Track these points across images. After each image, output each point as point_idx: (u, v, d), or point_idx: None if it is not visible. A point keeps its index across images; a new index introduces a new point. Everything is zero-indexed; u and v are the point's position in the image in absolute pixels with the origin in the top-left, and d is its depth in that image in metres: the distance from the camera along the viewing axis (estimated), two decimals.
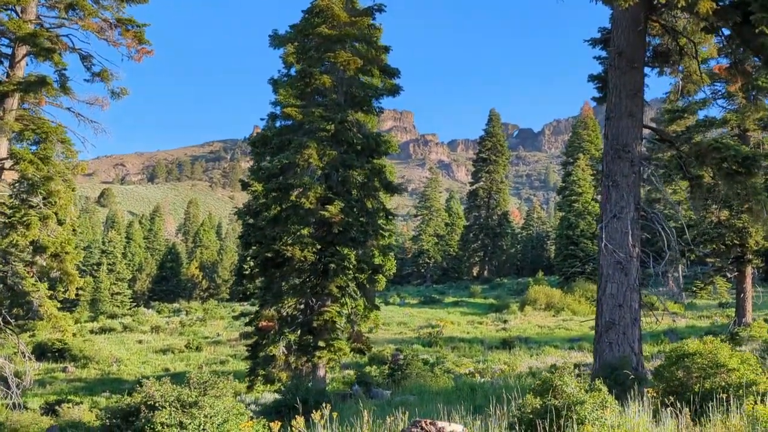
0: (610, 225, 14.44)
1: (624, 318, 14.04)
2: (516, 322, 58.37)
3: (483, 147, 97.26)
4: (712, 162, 14.10)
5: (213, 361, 45.79)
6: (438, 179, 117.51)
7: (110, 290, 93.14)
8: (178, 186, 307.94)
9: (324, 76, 25.14)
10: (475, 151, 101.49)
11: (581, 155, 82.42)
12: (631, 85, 14.82)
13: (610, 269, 14.31)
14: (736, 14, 13.99)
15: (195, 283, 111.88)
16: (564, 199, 79.50)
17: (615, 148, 14.70)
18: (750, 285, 41.21)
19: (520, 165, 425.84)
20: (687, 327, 50.51)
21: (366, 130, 26.40)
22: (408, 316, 62.89)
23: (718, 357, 10.16)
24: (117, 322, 64.75)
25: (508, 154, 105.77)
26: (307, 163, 23.87)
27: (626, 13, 14.70)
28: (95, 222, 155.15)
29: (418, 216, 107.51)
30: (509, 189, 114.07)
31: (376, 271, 25.49)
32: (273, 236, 24.37)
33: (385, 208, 26.73)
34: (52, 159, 30.60)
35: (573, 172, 78.98)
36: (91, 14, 27.98)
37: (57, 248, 31.25)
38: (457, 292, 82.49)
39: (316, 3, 25.63)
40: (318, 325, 23.52)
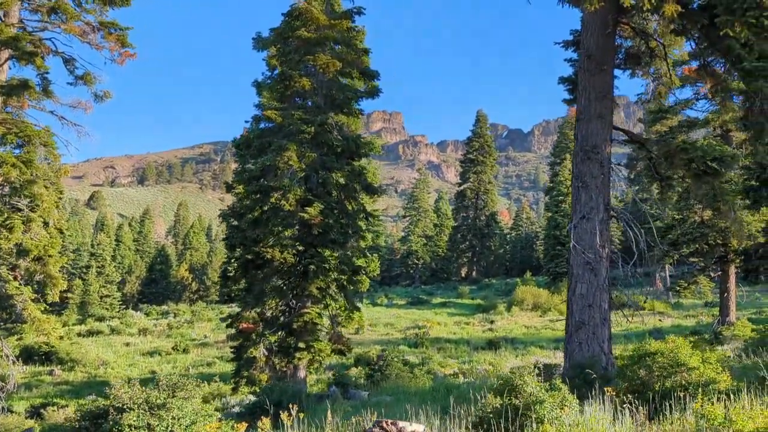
0: (579, 226, 14.55)
1: (594, 318, 14.16)
2: (503, 322, 58.54)
3: (470, 148, 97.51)
4: (680, 163, 14.23)
5: (200, 363, 45.78)
6: (427, 180, 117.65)
7: (99, 293, 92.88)
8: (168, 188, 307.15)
9: (304, 78, 25.21)
10: (465, 152, 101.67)
11: (568, 156, 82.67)
12: (601, 87, 14.95)
13: (579, 269, 14.43)
14: (703, 17, 14.16)
15: (185, 285, 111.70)
16: (551, 199, 79.82)
17: (585, 149, 14.82)
18: (733, 284, 41.44)
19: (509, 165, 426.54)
20: (673, 326, 50.80)
21: (346, 132, 26.48)
22: (395, 317, 63.01)
23: (678, 356, 10.28)
24: (105, 325, 64.67)
25: (496, 154, 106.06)
26: (287, 165, 23.92)
27: (595, 15, 14.82)
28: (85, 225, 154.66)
29: (406, 217, 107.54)
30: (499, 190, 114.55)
31: (357, 272, 25.55)
32: (254, 238, 24.43)
33: (365, 210, 26.80)
34: (35, 162, 30.59)
35: (560, 173, 79.29)
36: (73, 18, 27.97)
37: (40, 251, 31.20)
38: (445, 293, 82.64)
39: (295, 6, 25.70)
40: (298, 326, 23.58)
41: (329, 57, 25.32)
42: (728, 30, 12.96)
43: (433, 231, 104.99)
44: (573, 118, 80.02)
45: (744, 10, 12.75)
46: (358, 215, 26.59)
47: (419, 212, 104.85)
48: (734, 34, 13.07)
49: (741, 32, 13.01)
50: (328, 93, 26.45)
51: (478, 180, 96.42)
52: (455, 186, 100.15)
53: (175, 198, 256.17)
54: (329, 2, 27.28)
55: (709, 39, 14.42)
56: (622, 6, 13.29)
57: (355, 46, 26.78)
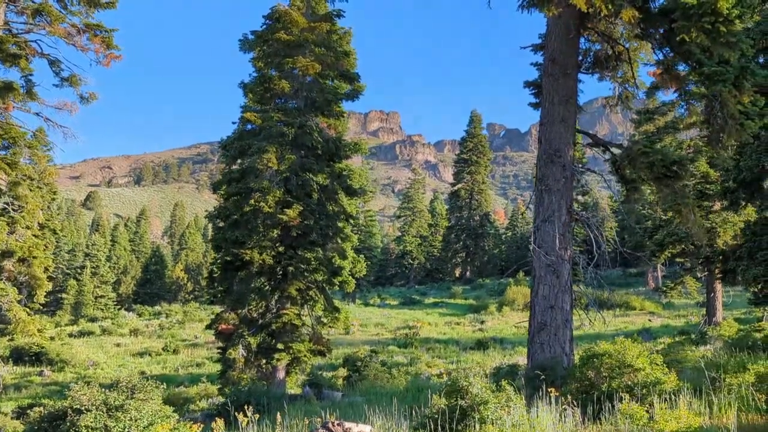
0: (541, 228, 14.74)
1: (555, 319, 14.35)
2: (493, 322, 58.77)
3: (464, 148, 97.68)
4: (642, 166, 14.42)
5: (189, 364, 46.02)
6: (422, 180, 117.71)
7: (94, 293, 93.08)
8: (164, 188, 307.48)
9: (283, 81, 25.41)
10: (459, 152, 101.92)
11: None
12: (564, 91, 15.13)
13: (542, 271, 14.62)
14: (664, 22, 14.34)
15: (180, 285, 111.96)
16: None
17: (548, 153, 15.00)
18: (720, 285, 41.67)
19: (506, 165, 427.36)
20: (662, 326, 51.05)
21: (327, 134, 26.66)
22: (386, 317, 63.22)
23: (625, 357, 10.48)
24: (96, 326, 64.84)
25: (491, 154, 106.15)
26: (267, 167, 24.12)
27: (558, 20, 15.02)
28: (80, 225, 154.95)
29: (401, 217, 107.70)
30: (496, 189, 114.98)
31: (336, 273, 25.74)
32: (233, 240, 24.62)
33: (345, 211, 26.99)
34: (20, 164, 30.81)
35: None
36: (58, 20, 28.12)
37: (25, 252, 31.46)
38: (439, 293, 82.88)
39: (275, 9, 25.88)
40: (277, 327, 23.78)
41: (309, 60, 25.51)
42: (685, 36, 13.17)
43: (427, 231, 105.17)
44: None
45: (700, 16, 12.95)
46: (339, 217, 26.78)
47: (414, 212, 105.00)
48: (691, 39, 13.28)
49: (697, 38, 13.21)
50: (308, 95, 26.64)
51: (472, 180, 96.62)
52: (452, 186, 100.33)
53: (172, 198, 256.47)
54: (310, 5, 27.45)
55: (671, 44, 14.60)
56: (588, 11, 13.46)
57: (336, 48, 26.94)
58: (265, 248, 24.14)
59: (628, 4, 13.77)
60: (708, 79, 14.00)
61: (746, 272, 27.43)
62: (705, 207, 39.97)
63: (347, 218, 27.34)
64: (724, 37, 13.17)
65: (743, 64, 14.16)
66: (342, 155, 27.17)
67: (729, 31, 13.15)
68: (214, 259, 28.72)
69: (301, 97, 26.64)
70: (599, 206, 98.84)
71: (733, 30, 13.26)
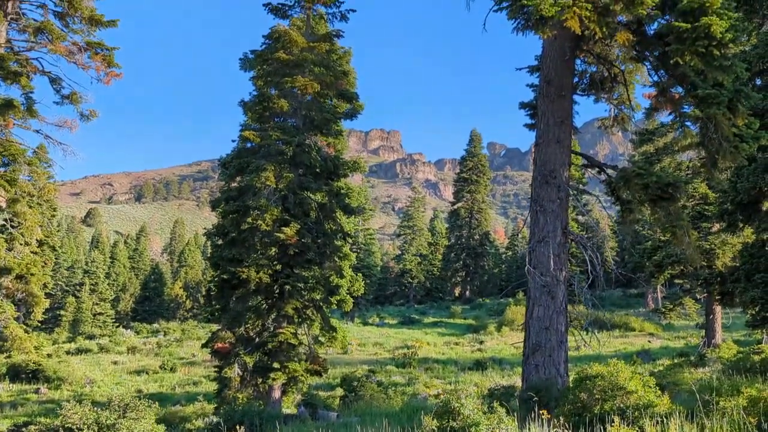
0: (536, 249, 14.80)
1: (550, 340, 14.36)
2: (492, 342, 58.61)
3: (464, 167, 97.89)
4: (636, 187, 14.49)
5: (186, 382, 45.86)
6: (422, 198, 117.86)
7: (92, 310, 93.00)
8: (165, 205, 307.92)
9: (281, 100, 25.55)
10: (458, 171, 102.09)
11: None
12: (560, 112, 15.24)
13: (536, 292, 14.66)
14: (659, 45, 14.47)
15: (179, 303, 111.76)
16: None
17: (543, 173, 15.09)
18: (719, 306, 41.61)
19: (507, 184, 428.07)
20: (661, 348, 50.91)
21: (325, 153, 26.78)
22: (385, 336, 63.07)
23: (617, 379, 10.48)
24: (94, 343, 64.67)
25: (491, 174, 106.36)
26: (265, 185, 24.19)
27: (553, 42, 15.15)
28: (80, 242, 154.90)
29: (401, 235, 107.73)
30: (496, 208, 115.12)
31: (333, 292, 25.76)
32: (230, 258, 24.65)
33: (343, 230, 27.06)
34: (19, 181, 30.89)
35: None
36: (59, 38, 28.33)
37: (22, 269, 31.47)
38: (438, 313, 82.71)
39: (274, 29, 26.08)
40: (273, 346, 23.75)
41: (308, 79, 25.66)
42: (679, 59, 13.28)
43: (427, 250, 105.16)
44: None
45: (693, 40, 13.06)
46: (336, 235, 26.83)
47: (414, 231, 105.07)
48: (685, 62, 13.39)
49: (691, 61, 13.32)
50: (307, 114, 26.77)
51: (472, 199, 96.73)
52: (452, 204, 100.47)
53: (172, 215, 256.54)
54: (310, 25, 27.66)
55: (665, 66, 14.72)
56: (583, 33, 13.58)
57: (336, 68, 27.10)
58: (262, 266, 24.16)
59: (623, 27, 13.93)
60: (702, 101, 14.10)
61: (744, 294, 27.40)
62: (704, 228, 40.02)
63: (345, 237, 27.40)
64: (717, 61, 13.28)
65: (738, 87, 14.27)
66: (340, 174, 27.26)
67: (723, 55, 13.27)
68: (212, 277, 28.72)
69: (300, 116, 26.78)
70: (599, 227, 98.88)
71: (727, 53, 13.38)
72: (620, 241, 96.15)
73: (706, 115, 14.08)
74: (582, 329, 18.36)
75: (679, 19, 13.55)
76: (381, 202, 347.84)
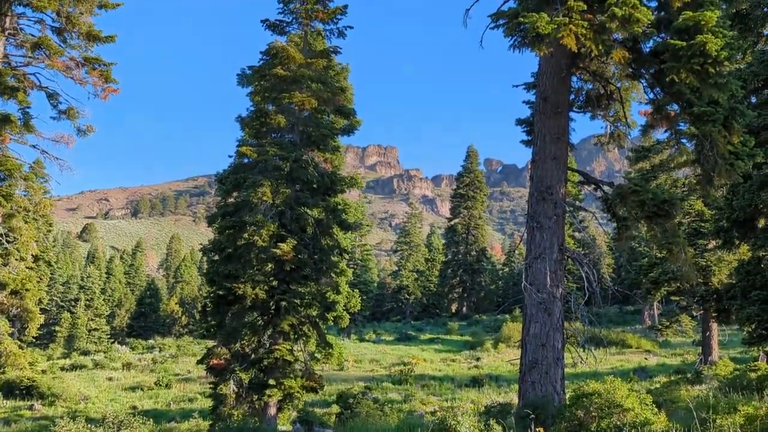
0: (533, 266, 14.80)
1: (547, 357, 14.34)
2: (489, 359, 58.43)
3: (461, 183, 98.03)
4: (633, 204, 14.53)
5: (181, 399, 45.60)
6: (419, 214, 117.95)
7: (87, 326, 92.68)
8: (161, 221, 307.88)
9: (279, 116, 25.62)
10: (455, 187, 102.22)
11: None
12: (556, 129, 15.30)
13: (533, 309, 14.65)
14: (654, 62, 14.55)
15: (174, 319, 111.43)
16: None
17: (539, 190, 15.13)
18: (715, 324, 41.62)
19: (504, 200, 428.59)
20: (658, 365, 50.78)
21: (322, 169, 26.83)
22: (381, 353, 62.87)
23: (614, 397, 10.47)
24: (89, 359, 64.37)
25: (487, 190, 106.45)
26: (261, 200, 24.21)
27: (550, 60, 15.23)
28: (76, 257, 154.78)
29: (398, 251, 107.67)
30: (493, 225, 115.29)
31: (330, 308, 25.72)
32: (226, 273, 24.62)
33: (340, 246, 27.05)
34: (15, 195, 30.85)
35: None
36: (57, 53, 28.40)
37: (17, 285, 31.40)
38: (435, 329, 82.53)
39: (272, 45, 26.18)
40: (269, 363, 23.67)
41: (305, 95, 25.74)
42: (674, 76, 13.35)
43: (424, 266, 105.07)
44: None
45: (689, 58, 13.14)
46: (333, 251, 26.82)
47: (411, 247, 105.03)
48: (680, 80, 13.46)
49: (687, 78, 13.40)
50: (304, 130, 26.85)
51: (469, 215, 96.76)
52: (449, 220, 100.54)
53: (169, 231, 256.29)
54: (307, 41, 27.78)
55: (661, 84, 14.80)
56: (579, 50, 13.65)
57: (333, 84, 27.21)
58: (258, 282, 24.14)
59: (619, 44, 14.02)
60: (698, 119, 14.18)
61: (740, 311, 27.41)
62: (700, 245, 40.09)
63: (341, 252, 27.40)
64: (713, 78, 13.36)
65: (733, 105, 14.35)
66: (337, 189, 27.30)
67: (718, 73, 13.35)
68: (207, 293, 28.67)
69: (297, 132, 26.84)
70: (596, 243, 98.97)
71: (722, 71, 13.47)
72: (617, 258, 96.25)
73: (701, 133, 14.15)
74: (579, 346, 18.34)
75: (675, 37, 13.64)
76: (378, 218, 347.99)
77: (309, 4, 27.31)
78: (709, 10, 13.22)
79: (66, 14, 27.46)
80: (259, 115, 26.33)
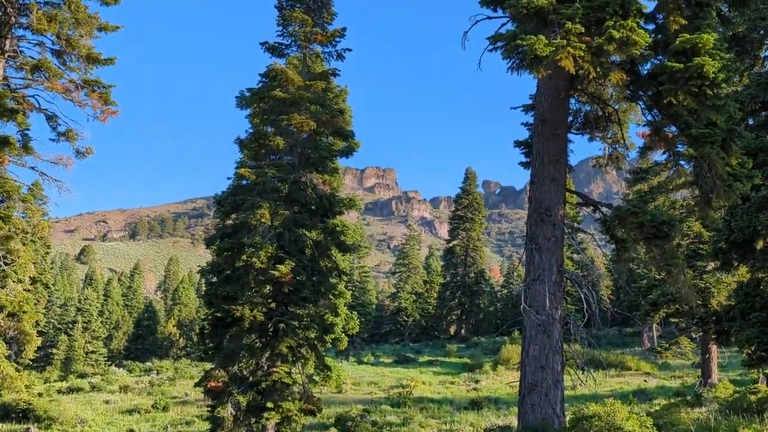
0: (532, 287, 14.78)
1: (546, 380, 14.27)
2: (488, 381, 58.18)
3: (459, 205, 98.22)
4: (631, 226, 14.53)
5: (179, 422, 45.30)
6: (417, 236, 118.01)
7: (85, 349, 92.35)
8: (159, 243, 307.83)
9: (278, 137, 25.68)
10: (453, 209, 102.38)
11: None
12: (554, 151, 15.34)
13: (532, 331, 14.60)
14: (652, 84, 14.62)
15: (172, 341, 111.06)
16: None
17: (538, 211, 15.14)
18: (715, 346, 41.49)
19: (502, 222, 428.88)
20: (657, 387, 50.54)
21: (321, 190, 26.85)
22: (380, 375, 62.60)
23: (614, 420, 10.41)
24: (86, 382, 64.03)
25: (486, 212, 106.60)
26: (260, 222, 24.20)
27: (548, 81, 15.30)
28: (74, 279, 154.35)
29: (396, 273, 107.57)
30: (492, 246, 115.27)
31: (328, 330, 25.63)
32: (224, 295, 24.55)
33: (338, 267, 27.01)
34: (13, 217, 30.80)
35: None
36: (56, 75, 28.49)
37: (15, 307, 31.24)
38: (433, 352, 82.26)
39: (271, 67, 26.30)
40: (267, 386, 23.54)
41: (304, 117, 25.82)
42: (672, 98, 13.40)
43: (423, 288, 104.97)
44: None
45: (686, 80, 13.21)
46: (332, 273, 26.78)
47: (409, 269, 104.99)
48: (678, 102, 13.52)
49: (685, 100, 13.45)
50: (303, 151, 26.90)
51: (468, 237, 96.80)
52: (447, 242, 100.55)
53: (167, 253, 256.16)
54: (306, 64, 27.91)
55: (659, 106, 14.86)
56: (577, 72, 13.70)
57: (332, 106, 27.30)
58: (256, 304, 24.08)
59: (617, 66, 14.08)
60: (696, 141, 14.22)
61: (739, 333, 27.34)
62: (699, 267, 40.09)
63: (340, 274, 27.36)
64: (711, 100, 13.42)
65: (731, 127, 14.41)
66: (336, 211, 27.31)
67: (716, 95, 13.41)
68: (205, 315, 28.55)
69: (296, 154, 26.90)
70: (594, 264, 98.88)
71: (720, 93, 13.53)
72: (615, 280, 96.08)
73: (699, 154, 14.18)
74: (578, 368, 18.24)
75: (672, 59, 13.71)
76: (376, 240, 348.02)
77: (308, 27, 27.47)
78: (706, 32, 13.31)
79: (66, 37, 27.59)
80: (258, 137, 26.38)
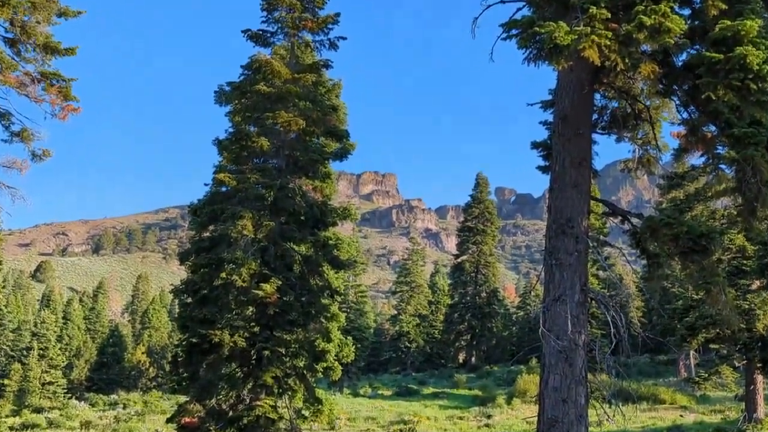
0: (552, 309, 14.74)
1: (568, 414, 14.21)
2: (502, 417, 58.12)
3: (469, 215, 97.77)
4: (665, 239, 14.49)
5: None
6: (421, 251, 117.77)
7: (41, 379, 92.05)
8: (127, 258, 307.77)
9: (262, 138, 25.73)
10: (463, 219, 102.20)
11: None
12: (577, 152, 15.30)
13: (552, 359, 14.56)
14: (688, 78, 14.62)
15: (141, 370, 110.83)
16: None
17: (558, 222, 15.11)
18: (761, 376, 41.38)
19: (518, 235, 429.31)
20: (695, 423, 50.45)
21: (311, 198, 26.87)
22: (378, 409, 62.51)
23: None
24: (42, 417, 63.89)
25: (499, 222, 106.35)
26: (241, 235, 24.21)
27: (570, 74, 15.28)
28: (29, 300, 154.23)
29: (397, 293, 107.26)
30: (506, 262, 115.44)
31: (319, 358, 25.64)
32: (201, 318, 24.56)
33: (331, 286, 27.03)
34: None
35: None
36: (10, 68, 28.44)
37: None
38: (439, 382, 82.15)
39: (255, 58, 26.36)
40: (249, 421, 23.51)
41: (292, 114, 25.86)
42: (711, 93, 13.39)
43: (427, 309, 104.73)
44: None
45: (727, 72, 13.19)
46: (323, 292, 26.78)
47: (412, 288, 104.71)
48: (718, 97, 13.50)
49: (725, 96, 13.44)
50: (291, 154, 26.94)
51: (478, 251, 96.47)
52: (455, 258, 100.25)
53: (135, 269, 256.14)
54: (294, 54, 27.96)
55: (696, 102, 14.86)
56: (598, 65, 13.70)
57: (323, 102, 27.36)
58: (237, 329, 24.07)
59: (648, 57, 14.06)
60: (738, 141, 14.20)
61: None
62: (742, 286, 40.02)
63: (333, 294, 27.38)
64: (754, 96, 13.38)
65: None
66: (328, 222, 27.34)
67: (760, 89, 13.37)
68: (179, 341, 28.56)
69: (283, 156, 26.93)
70: (623, 283, 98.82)
71: (766, 88, 13.49)
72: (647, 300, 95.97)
73: (742, 157, 14.14)
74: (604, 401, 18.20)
75: (711, 48, 13.70)
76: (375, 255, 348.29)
77: (296, 12, 27.54)
78: (749, 18, 13.29)
79: (21, 23, 27.59)
80: (239, 138, 26.41)
